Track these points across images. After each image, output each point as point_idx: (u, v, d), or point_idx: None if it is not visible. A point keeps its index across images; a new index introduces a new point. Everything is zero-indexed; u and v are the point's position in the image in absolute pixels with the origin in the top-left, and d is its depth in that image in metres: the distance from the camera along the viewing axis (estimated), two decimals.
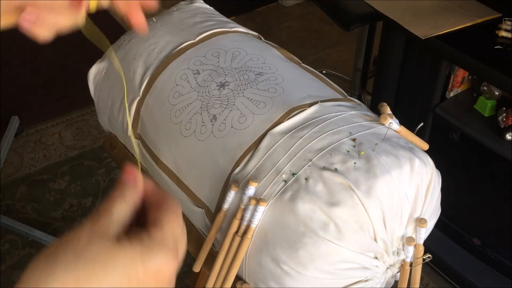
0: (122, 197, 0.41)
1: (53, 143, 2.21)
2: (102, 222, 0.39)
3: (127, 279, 0.37)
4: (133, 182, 0.42)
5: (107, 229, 0.38)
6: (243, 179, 0.78)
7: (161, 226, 0.40)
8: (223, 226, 0.81)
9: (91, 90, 1.09)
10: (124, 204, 0.40)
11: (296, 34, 2.94)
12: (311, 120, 0.80)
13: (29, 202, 1.95)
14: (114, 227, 0.39)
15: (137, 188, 0.42)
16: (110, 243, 0.37)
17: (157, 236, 0.39)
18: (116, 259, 0.37)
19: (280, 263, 0.74)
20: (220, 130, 0.84)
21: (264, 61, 0.93)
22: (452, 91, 1.51)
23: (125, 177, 0.42)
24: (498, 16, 1.39)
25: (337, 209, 0.72)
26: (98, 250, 0.37)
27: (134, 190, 0.42)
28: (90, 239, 0.37)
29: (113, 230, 0.38)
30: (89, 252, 0.36)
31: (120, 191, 0.41)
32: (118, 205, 0.40)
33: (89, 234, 0.37)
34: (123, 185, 0.42)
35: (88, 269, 0.36)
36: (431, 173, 0.80)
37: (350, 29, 1.79)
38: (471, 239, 1.60)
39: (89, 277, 0.35)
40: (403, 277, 0.83)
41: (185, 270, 1.76)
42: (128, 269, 0.37)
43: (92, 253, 0.36)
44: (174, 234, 0.40)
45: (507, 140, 1.36)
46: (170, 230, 0.40)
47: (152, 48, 1.00)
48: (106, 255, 0.37)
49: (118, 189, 0.41)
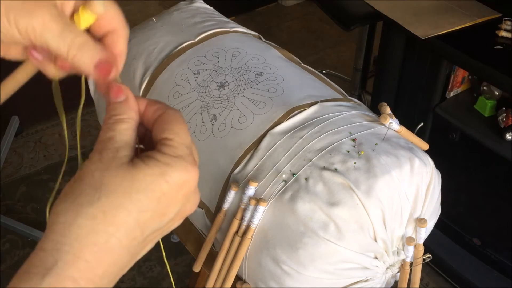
0: (120, 120, 0.38)
1: (53, 143, 2.21)
2: (109, 149, 0.37)
3: (156, 200, 0.36)
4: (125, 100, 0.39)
5: (116, 156, 0.36)
6: (243, 179, 0.78)
7: (170, 138, 0.38)
8: (223, 226, 0.81)
9: (91, 90, 1.09)
10: (124, 125, 0.38)
11: (296, 34, 2.94)
12: (311, 120, 0.80)
13: (29, 202, 1.95)
14: (123, 152, 0.37)
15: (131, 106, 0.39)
16: (124, 169, 0.36)
17: (170, 150, 0.37)
18: (137, 183, 0.35)
19: (280, 263, 0.74)
20: (220, 130, 0.84)
21: (264, 61, 0.93)
22: (452, 91, 1.51)
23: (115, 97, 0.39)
24: (498, 16, 1.39)
25: (337, 209, 0.72)
26: (115, 179, 0.35)
27: (129, 108, 0.39)
28: (103, 170, 0.35)
29: (123, 155, 0.37)
30: (107, 184, 0.35)
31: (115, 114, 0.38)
32: (119, 128, 0.38)
33: (100, 166, 0.36)
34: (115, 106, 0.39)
35: (112, 200, 0.34)
36: (431, 173, 0.80)
37: (350, 29, 1.79)
38: (471, 239, 1.60)
39: (116, 207, 0.34)
40: (403, 277, 0.83)
41: (185, 270, 1.76)
42: (152, 190, 0.35)
43: (110, 183, 0.35)
44: (185, 142, 0.38)
45: (507, 140, 1.36)
46: (180, 140, 0.38)
47: (152, 48, 1.00)
48: (125, 181, 0.35)
49: (111, 113, 0.39)
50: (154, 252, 1.84)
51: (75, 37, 0.38)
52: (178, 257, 1.78)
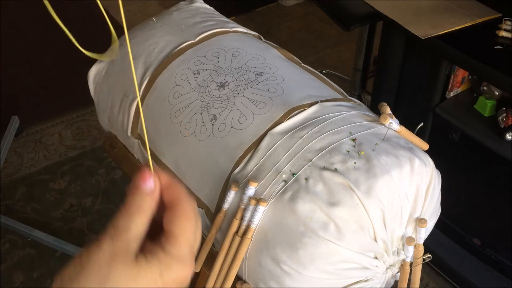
0: (141, 210, 0.39)
1: (53, 143, 2.21)
2: (122, 240, 0.37)
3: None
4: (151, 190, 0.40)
5: (126, 248, 0.37)
6: (243, 179, 0.78)
7: (175, 237, 0.39)
8: (223, 226, 0.81)
9: (91, 90, 1.09)
10: (142, 217, 0.39)
11: (296, 34, 2.94)
12: (311, 120, 0.80)
13: (29, 202, 1.95)
14: (133, 245, 0.38)
15: (154, 196, 0.40)
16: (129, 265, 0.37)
17: (173, 251, 0.38)
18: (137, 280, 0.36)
19: (280, 263, 0.74)
20: (220, 130, 0.84)
21: (264, 61, 0.93)
22: (452, 91, 1.51)
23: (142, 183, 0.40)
24: (498, 16, 1.39)
25: (337, 209, 0.72)
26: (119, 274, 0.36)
27: (152, 199, 0.40)
28: (111, 261, 0.36)
29: (132, 250, 0.38)
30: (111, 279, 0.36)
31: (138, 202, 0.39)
32: (137, 219, 0.38)
33: (109, 256, 0.36)
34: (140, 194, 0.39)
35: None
36: (431, 173, 0.80)
37: (350, 29, 1.79)
38: (471, 239, 1.60)
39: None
40: (403, 277, 0.83)
41: None
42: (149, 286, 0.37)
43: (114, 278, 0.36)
44: (189, 241, 0.40)
45: (507, 140, 1.36)
46: (184, 240, 0.39)
47: (152, 48, 1.00)
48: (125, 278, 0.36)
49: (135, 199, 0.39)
50: None
51: None
52: None
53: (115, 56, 1.03)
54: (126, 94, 0.99)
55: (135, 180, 0.40)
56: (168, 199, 0.41)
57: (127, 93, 0.99)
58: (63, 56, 2.61)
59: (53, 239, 1.73)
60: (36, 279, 1.70)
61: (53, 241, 1.72)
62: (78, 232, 1.85)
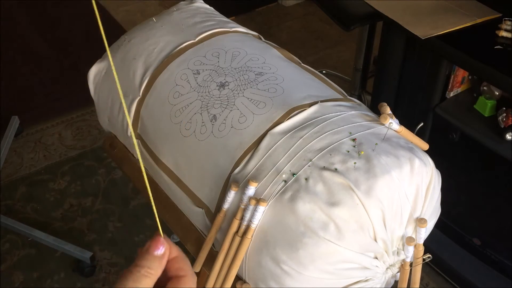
0: (149, 274, 0.41)
1: (53, 143, 2.21)
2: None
3: None
4: (160, 257, 0.42)
5: None
6: (243, 179, 0.78)
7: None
8: (223, 226, 0.81)
9: (91, 90, 1.09)
10: (148, 281, 0.41)
11: (296, 34, 2.93)
12: (311, 120, 0.80)
13: (29, 202, 1.95)
14: None
15: (163, 262, 0.42)
16: None
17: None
18: None
19: (280, 263, 0.74)
20: (220, 130, 0.84)
21: (264, 61, 0.93)
22: (452, 91, 1.51)
23: (153, 250, 0.42)
24: (498, 16, 1.39)
25: (337, 209, 0.71)
26: None
27: (160, 266, 0.42)
28: None
29: None
30: None
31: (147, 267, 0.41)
32: (144, 282, 0.40)
33: None
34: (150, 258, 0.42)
35: None
36: (431, 173, 0.80)
37: (350, 29, 1.79)
38: (471, 239, 1.60)
39: None
40: (403, 277, 0.83)
41: None
42: None
43: None
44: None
45: (507, 140, 1.36)
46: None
47: (152, 48, 1.00)
48: None
49: (144, 263, 0.41)
50: None
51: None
52: None
53: None
54: (126, 94, 0.99)
55: (147, 245, 0.42)
56: (174, 269, 0.43)
57: (127, 93, 0.99)
58: (63, 56, 2.61)
59: (53, 239, 1.73)
60: (36, 279, 1.70)
61: (53, 241, 1.72)
62: (78, 232, 1.84)
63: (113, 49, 1.08)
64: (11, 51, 2.64)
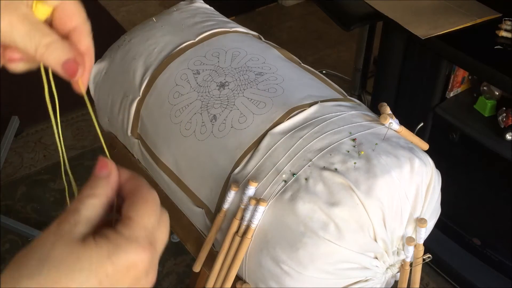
0: (93, 195, 0.39)
1: (53, 143, 2.21)
2: (68, 223, 0.37)
3: (97, 280, 0.35)
4: (107, 176, 0.40)
5: (72, 230, 0.36)
6: (243, 179, 0.78)
7: (129, 219, 0.38)
8: (223, 226, 0.81)
9: (91, 90, 1.09)
10: (94, 201, 0.38)
11: (296, 34, 2.94)
12: (311, 120, 0.80)
13: (29, 202, 1.95)
14: (80, 228, 0.37)
15: (110, 183, 0.40)
16: (74, 245, 0.35)
17: (125, 230, 0.37)
18: (82, 261, 0.35)
19: (280, 263, 0.74)
20: (220, 130, 0.84)
21: (264, 61, 0.93)
22: (452, 91, 1.51)
23: (98, 170, 0.40)
24: (498, 16, 1.39)
25: (337, 209, 0.72)
26: (61, 254, 0.35)
27: (107, 185, 0.39)
28: (54, 242, 0.35)
29: (79, 231, 0.36)
30: (52, 258, 0.35)
31: (91, 187, 0.39)
32: (88, 203, 0.38)
33: (53, 238, 0.36)
34: (95, 179, 0.40)
35: (52, 275, 0.34)
36: (431, 173, 0.80)
37: (350, 29, 1.79)
38: (471, 239, 1.60)
39: (54, 283, 0.34)
40: (403, 277, 0.83)
41: (185, 270, 1.76)
42: (95, 270, 0.35)
43: (56, 258, 0.35)
44: (145, 225, 0.38)
45: (507, 140, 1.36)
46: (139, 222, 0.38)
47: (152, 48, 1.00)
48: (70, 258, 0.35)
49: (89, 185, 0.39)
50: None
51: (42, 37, 0.40)
52: (178, 257, 1.78)
53: None
54: (126, 94, 0.99)
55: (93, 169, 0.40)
56: (128, 190, 0.40)
57: (127, 93, 0.99)
58: None
59: None
60: None
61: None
62: None
63: (113, 49, 1.08)
64: None
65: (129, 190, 0.40)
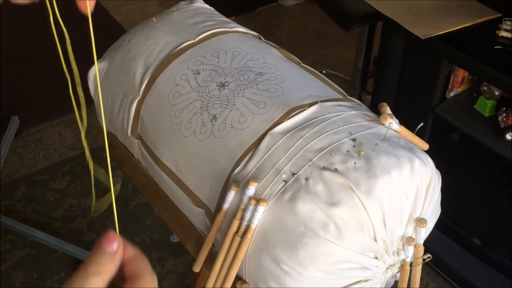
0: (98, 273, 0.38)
1: (53, 143, 2.21)
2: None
3: None
4: (112, 252, 0.39)
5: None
6: (243, 179, 0.78)
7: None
8: (223, 226, 0.81)
9: (91, 90, 1.09)
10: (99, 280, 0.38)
11: (296, 34, 2.93)
12: (311, 120, 0.80)
13: (29, 202, 1.95)
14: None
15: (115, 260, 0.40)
16: None
17: None
18: None
19: (280, 263, 0.74)
20: (220, 130, 0.84)
21: (264, 61, 0.93)
22: (452, 91, 1.51)
23: (105, 244, 0.39)
24: (498, 16, 1.39)
25: (337, 209, 0.72)
26: None
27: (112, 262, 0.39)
28: None
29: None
30: None
31: (97, 263, 0.39)
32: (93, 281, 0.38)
33: None
34: (101, 255, 0.39)
35: None
36: (431, 173, 0.80)
37: (350, 29, 1.78)
38: (471, 239, 1.60)
39: None
40: (403, 277, 0.83)
41: (185, 270, 1.76)
42: None
43: None
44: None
45: (507, 140, 1.36)
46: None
47: (152, 48, 1.00)
48: None
49: (94, 260, 0.39)
50: (154, 252, 1.83)
51: None
52: (178, 257, 1.78)
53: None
54: (126, 94, 0.99)
55: (99, 241, 0.40)
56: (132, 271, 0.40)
57: (127, 93, 0.99)
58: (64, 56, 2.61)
59: (53, 239, 1.73)
60: (36, 279, 1.70)
61: (53, 241, 1.72)
62: (78, 232, 1.84)
63: (113, 49, 1.08)
64: (12, 51, 2.64)
65: (133, 272, 0.41)
